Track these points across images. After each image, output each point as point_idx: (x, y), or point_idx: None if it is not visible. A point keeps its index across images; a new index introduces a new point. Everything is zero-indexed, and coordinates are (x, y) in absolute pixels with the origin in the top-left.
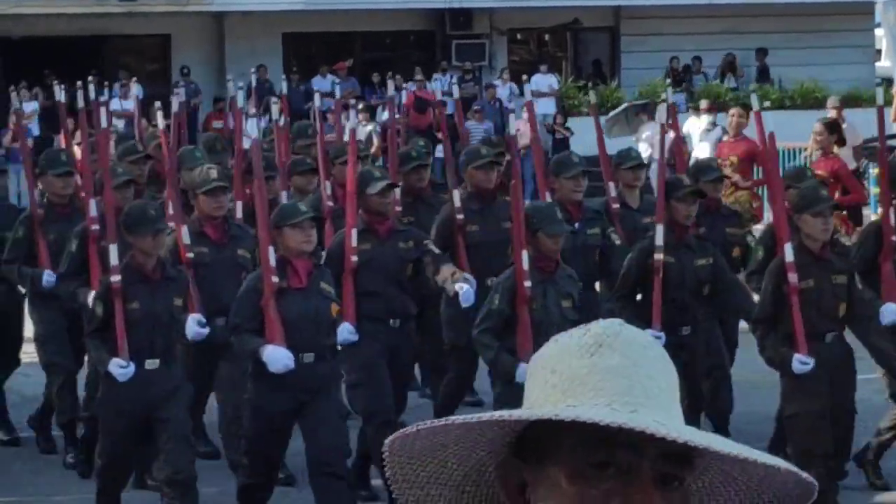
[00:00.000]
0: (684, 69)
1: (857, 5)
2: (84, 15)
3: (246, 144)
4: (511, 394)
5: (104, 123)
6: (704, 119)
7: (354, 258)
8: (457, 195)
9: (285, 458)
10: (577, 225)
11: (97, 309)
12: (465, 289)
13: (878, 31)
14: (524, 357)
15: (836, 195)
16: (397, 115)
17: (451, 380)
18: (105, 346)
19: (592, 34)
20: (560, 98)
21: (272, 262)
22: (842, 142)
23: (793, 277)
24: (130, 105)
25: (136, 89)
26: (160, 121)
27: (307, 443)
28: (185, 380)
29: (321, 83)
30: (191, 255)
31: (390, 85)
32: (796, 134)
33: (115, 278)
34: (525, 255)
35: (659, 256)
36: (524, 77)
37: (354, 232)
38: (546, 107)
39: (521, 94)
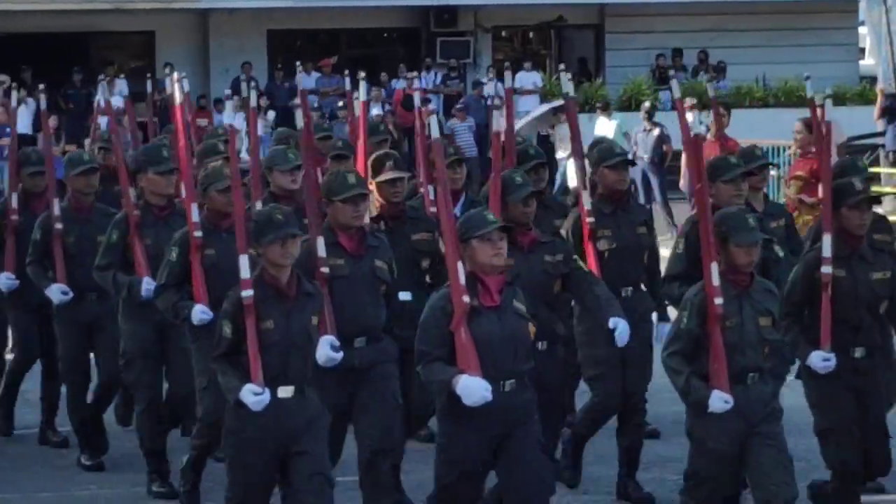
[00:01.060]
0: (674, 62)
1: (840, 3)
2: (69, 11)
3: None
4: (703, 427)
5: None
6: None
7: None
8: (586, 196)
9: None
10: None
11: (225, 329)
12: (620, 328)
13: (862, 30)
14: (717, 383)
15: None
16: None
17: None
18: (235, 372)
19: (577, 31)
20: (544, 95)
21: (461, 279)
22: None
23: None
24: (119, 101)
25: (120, 85)
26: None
27: (504, 486)
28: (323, 409)
29: (306, 80)
30: (326, 269)
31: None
32: (780, 132)
33: (248, 293)
34: (714, 267)
35: (827, 270)
36: (506, 66)
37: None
38: (530, 104)
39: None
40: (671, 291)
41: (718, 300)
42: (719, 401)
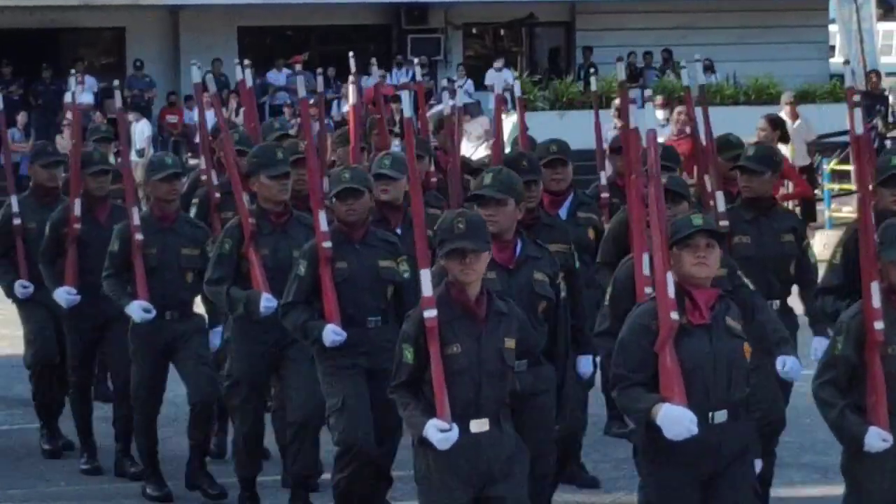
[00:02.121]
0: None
1: (811, 1)
2: (39, 7)
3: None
4: (859, 466)
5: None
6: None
7: None
8: (721, 198)
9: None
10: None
11: (406, 354)
12: (789, 364)
13: (833, 28)
14: (875, 419)
15: (782, 191)
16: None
17: None
18: (418, 404)
19: (548, 29)
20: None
21: (671, 292)
22: (785, 138)
23: None
24: (88, 98)
25: (90, 82)
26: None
27: None
28: (522, 445)
29: (276, 77)
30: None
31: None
32: (751, 130)
33: (430, 313)
34: (875, 287)
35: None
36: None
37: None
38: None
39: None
40: (825, 306)
41: (879, 325)
42: (877, 439)
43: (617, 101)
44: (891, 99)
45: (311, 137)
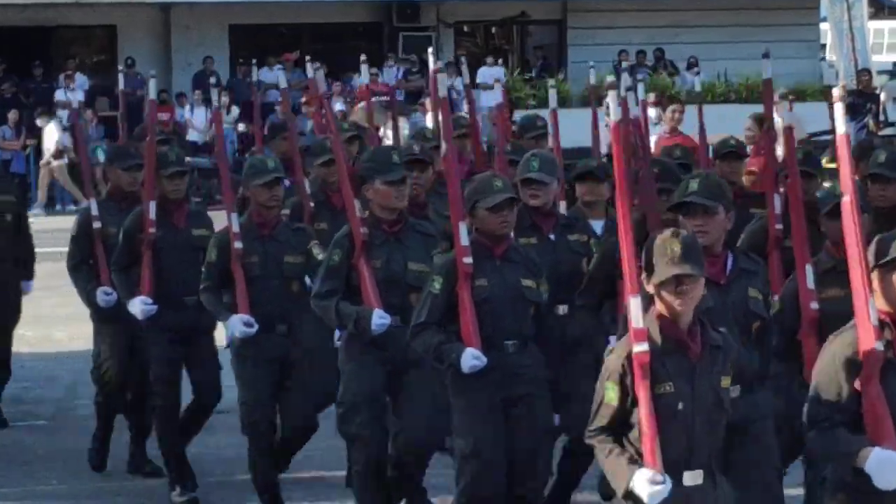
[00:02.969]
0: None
1: (802, 0)
2: (30, 5)
3: (193, 136)
4: None
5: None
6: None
7: None
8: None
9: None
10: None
11: (609, 395)
12: None
13: (824, 26)
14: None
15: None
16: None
17: None
18: (623, 452)
19: (540, 27)
20: (507, 90)
21: (873, 318)
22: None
23: None
24: (79, 96)
25: (80, 80)
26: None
27: None
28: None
29: (268, 75)
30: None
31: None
32: (742, 128)
33: (642, 349)
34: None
35: None
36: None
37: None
38: (492, 99)
39: (474, 84)
40: None
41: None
42: None
43: (607, 99)
44: (882, 97)
45: (450, 141)
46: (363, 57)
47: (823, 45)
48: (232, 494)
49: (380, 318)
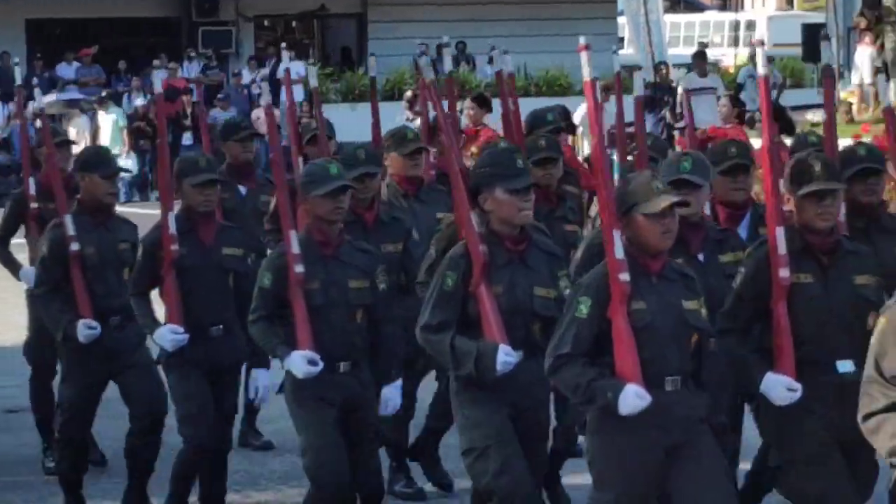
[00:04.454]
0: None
1: None
2: None
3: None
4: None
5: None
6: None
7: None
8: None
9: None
10: None
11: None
12: None
13: (622, 20)
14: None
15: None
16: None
17: None
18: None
19: (340, 20)
20: (307, 85)
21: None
22: (572, 129)
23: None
24: None
25: None
26: None
27: None
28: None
29: (66, 70)
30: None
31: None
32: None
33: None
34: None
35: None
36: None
37: None
38: (294, 94)
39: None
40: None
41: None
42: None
43: (408, 94)
44: (679, 90)
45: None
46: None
47: (621, 39)
48: (34, 495)
49: (506, 356)
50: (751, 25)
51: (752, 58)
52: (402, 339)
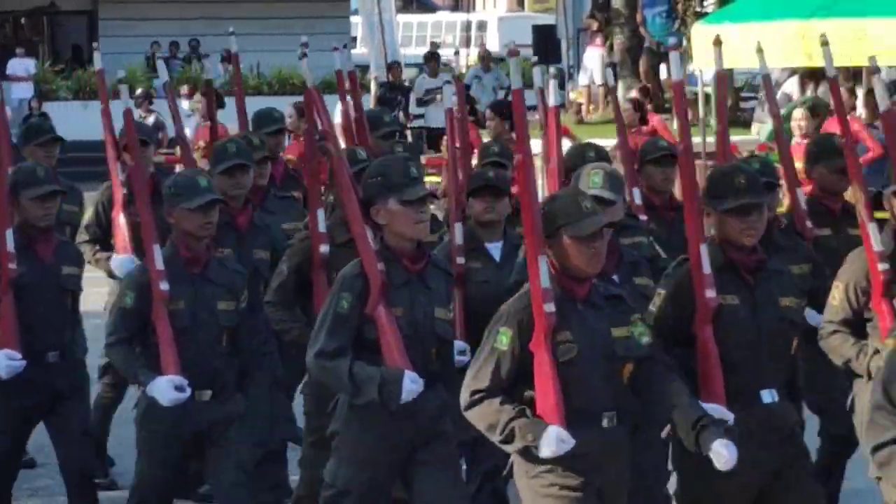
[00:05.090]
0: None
1: None
2: None
3: None
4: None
5: None
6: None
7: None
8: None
9: None
10: None
11: None
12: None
13: (355, 19)
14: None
15: None
16: None
17: None
18: None
19: (69, 18)
20: (37, 83)
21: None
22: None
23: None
24: None
25: None
26: None
27: None
28: None
29: None
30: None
31: None
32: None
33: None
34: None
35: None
36: None
37: None
38: (23, 91)
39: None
40: None
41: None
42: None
43: (139, 92)
44: (413, 90)
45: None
46: None
47: (354, 38)
48: None
49: (412, 383)
50: (482, 26)
51: (483, 59)
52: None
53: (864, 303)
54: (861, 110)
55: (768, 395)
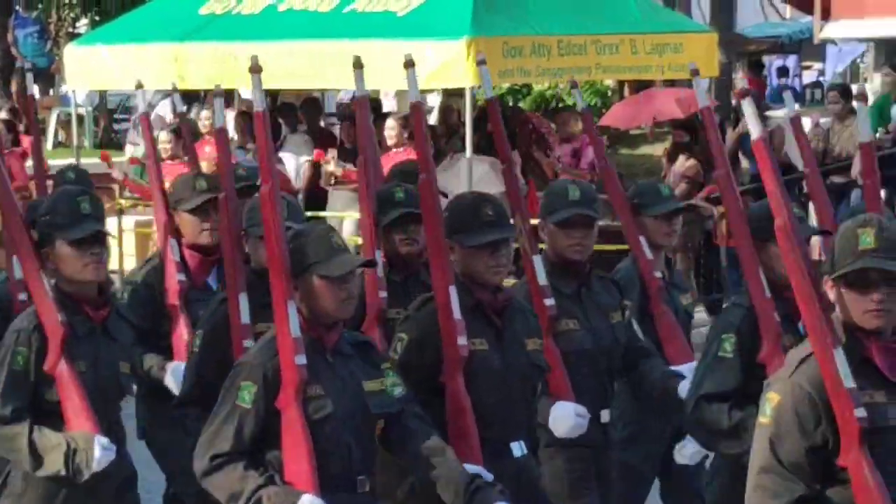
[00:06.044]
0: None
1: None
2: None
3: None
4: None
5: None
6: None
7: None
8: None
9: None
10: None
11: None
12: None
13: None
14: None
15: None
16: None
17: None
18: None
19: None
20: None
21: None
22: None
23: None
24: None
25: None
26: None
27: None
28: None
29: None
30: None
31: None
32: None
33: None
34: None
35: None
36: None
37: None
38: None
39: None
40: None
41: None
42: None
43: None
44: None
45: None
46: None
47: None
48: None
49: (104, 449)
50: None
51: None
52: None
53: None
54: (233, 133)
55: (517, 448)
